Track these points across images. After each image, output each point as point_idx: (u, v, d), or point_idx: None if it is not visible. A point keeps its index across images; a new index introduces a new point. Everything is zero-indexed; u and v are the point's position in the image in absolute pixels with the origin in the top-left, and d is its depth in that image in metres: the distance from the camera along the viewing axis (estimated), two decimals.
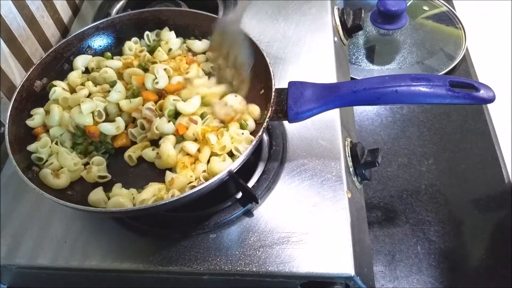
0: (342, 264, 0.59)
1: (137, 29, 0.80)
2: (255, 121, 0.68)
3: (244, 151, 0.60)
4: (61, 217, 0.68)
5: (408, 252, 0.79)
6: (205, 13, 0.75)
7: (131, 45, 0.78)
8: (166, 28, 0.79)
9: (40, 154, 0.66)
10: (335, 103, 0.62)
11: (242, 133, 0.65)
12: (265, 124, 0.62)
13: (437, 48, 1.05)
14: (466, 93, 0.56)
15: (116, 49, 0.80)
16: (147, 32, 0.79)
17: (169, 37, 0.78)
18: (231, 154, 0.65)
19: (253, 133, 0.67)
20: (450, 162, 0.89)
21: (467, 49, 1.04)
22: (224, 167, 0.61)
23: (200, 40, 0.78)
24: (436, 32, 1.09)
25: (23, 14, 0.87)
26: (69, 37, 0.76)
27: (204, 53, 0.77)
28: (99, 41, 0.79)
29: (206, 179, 0.59)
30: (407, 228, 0.81)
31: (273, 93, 0.63)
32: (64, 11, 1.03)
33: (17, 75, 0.86)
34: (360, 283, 0.59)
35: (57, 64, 0.75)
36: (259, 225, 0.63)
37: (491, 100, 0.57)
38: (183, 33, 0.79)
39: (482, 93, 0.56)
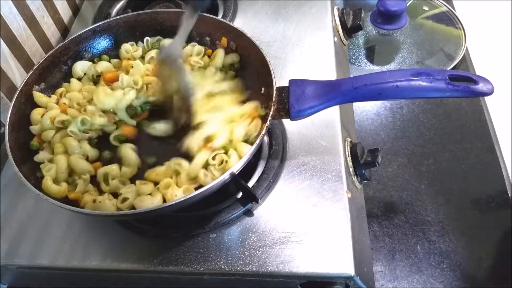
0: (342, 264, 0.59)
1: (134, 31, 0.79)
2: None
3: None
4: (61, 217, 0.68)
5: (408, 252, 0.79)
6: (202, 13, 0.75)
7: (128, 48, 0.77)
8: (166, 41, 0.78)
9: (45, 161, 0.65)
10: (336, 99, 0.62)
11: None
12: (268, 123, 0.61)
13: (437, 48, 1.05)
14: (466, 86, 0.57)
15: (113, 52, 0.79)
16: (146, 38, 0.78)
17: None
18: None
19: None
20: (450, 162, 0.89)
21: (467, 49, 1.04)
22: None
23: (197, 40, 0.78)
24: (436, 32, 1.09)
25: (23, 14, 0.87)
26: (66, 41, 0.75)
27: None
28: (96, 45, 0.78)
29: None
30: (407, 228, 0.81)
31: (274, 92, 0.63)
32: (64, 11, 1.03)
33: (17, 75, 0.86)
34: (360, 283, 0.59)
35: (55, 69, 0.74)
36: (259, 225, 0.63)
37: (489, 92, 0.57)
38: None
39: (481, 86, 0.57)
